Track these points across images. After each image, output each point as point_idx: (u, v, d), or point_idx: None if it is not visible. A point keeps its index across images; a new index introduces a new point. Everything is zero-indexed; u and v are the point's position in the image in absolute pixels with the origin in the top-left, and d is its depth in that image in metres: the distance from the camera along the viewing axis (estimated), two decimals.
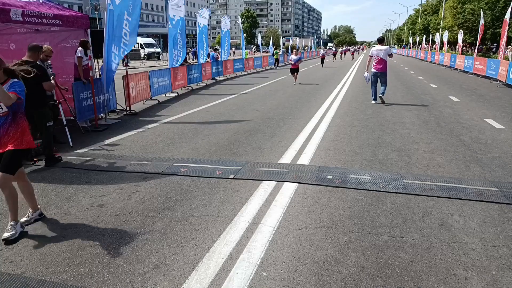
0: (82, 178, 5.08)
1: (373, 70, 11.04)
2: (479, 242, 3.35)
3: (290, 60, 17.93)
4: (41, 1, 7.05)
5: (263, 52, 39.42)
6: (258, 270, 2.98)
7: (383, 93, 10.98)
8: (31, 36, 8.66)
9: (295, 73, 17.50)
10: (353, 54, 54.10)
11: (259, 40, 40.08)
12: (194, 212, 4.01)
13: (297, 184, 4.72)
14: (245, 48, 28.94)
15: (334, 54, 48.05)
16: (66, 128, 6.87)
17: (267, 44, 49.08)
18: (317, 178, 4.89)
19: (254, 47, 63.46)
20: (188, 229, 3.64)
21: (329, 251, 3.23)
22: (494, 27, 35.28)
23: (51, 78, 6.28)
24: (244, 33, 27.20)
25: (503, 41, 18.14)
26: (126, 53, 9.19)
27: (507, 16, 17.20)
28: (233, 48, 23.02)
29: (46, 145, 5.70)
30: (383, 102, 10.97)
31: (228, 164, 5.55)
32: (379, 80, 11.07)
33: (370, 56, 11.17)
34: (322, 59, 33.11)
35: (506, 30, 17.71)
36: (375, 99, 11.27)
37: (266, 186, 4.66)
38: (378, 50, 10.93)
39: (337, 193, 4.45)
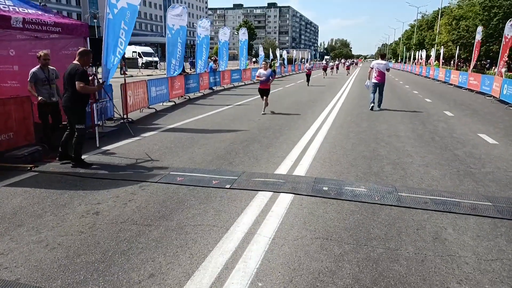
0: (78, 185, 5.08)
1: (374, 81, 12.76)
2: (473, 256, 3.39)
3: (258, 76, 11.59)
4: (40, 12, 7.10)
5: (262, 63, 37.98)
6: (254, 280, 2.99)
7: (380, 104, 12.93)
8: (30, 43, 8.71)
9: (265, 97, 11.63)
10: (348, 69, 49.07)
11: (261, 51, 38.78)
12: (190, 221, 4.02)
13: (293, 195, 4.74)
14: (246, 59, 29.01)
15: (324, 69, 37.86)
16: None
17: (267, 56, 48.55)
18: (313, 189, 4.93)
19: (253, 58, 63.33)
20: (184, 238, 3.65)
21: (324, 263, 3.24)
22: (488, 44, 35.83)
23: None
24: (245, 44, 27.20)
25: (504, 57, 18.29)
26: (117, 62, 9.19)
27: (508, 33, 17.51)
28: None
29: (74, 146, 5.86)
30: (378, 106, 12.90)
31: (224, 173, 5.57)
32: (377, 89, 12.82)
33: (371, 68, 12.99)
34: (308, 76, 25.01)
35: (505, 46, 17.99)
36: (373, 102, 12.82)
37: (262, 197, 4.68)
38: (379, 63, 12.89)
39: (332, 205, 4.48)
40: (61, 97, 7.07)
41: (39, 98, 6.70)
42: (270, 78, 11.58)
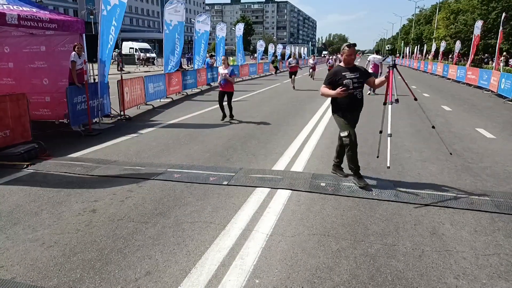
0: (75, 183, 5.05)
1: (370, 71, 14.26)
2: (470, 250, 3.38)
3: None
4: (35, 10, 7.03)
5: (261, 59, 37.20)
6: (251, 277, 2.98)
7: (374, 89, 14.63)
8: (26, 40, 8.66)
9: None
10: (330, 69, 18.49)
11: (259, 45, 36.91)
12: (187, 218, 4.00)
13: (291, 191, 4.73)
14: (243, 55, 28.81)
15: (292, 72, 19.43)
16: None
17: (265, 51, 47.64)
18: (310, 185, 4.91)
19: (255, 54, 61.94)
20: (181, 235, 3.63)
21: (322, 259, 3.24)
22: (486, 38, 35.81)
23: None
24: (242, 40, 27.05)
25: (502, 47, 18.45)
26: (108, 58, 9.13)
27: (503, 27, 17.58)
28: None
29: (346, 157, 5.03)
30: (373, 91, 15.20)
31: (222, 170, 5.55)
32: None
33: (368, 61, 16.17)
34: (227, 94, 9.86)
35: (500, 40, 18.03)
36: (371, 89, 15.05)
37: (260, 193, 4.67)
38: (375, 57, 15.94)
39: (330, 201, 4.47)
40: None
41: None
42: None
